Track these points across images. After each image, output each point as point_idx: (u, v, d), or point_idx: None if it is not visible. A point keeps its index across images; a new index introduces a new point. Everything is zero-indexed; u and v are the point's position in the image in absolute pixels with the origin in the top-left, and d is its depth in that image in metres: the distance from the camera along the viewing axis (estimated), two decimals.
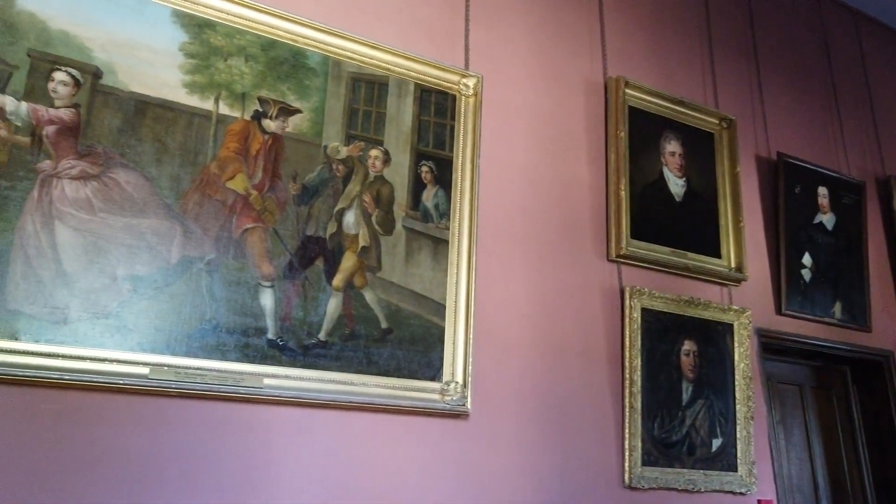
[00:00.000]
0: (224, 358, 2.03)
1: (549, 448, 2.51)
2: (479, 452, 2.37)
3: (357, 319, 2.28)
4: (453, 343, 2.39)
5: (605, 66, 3.15)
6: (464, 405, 2.34)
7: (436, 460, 2.29)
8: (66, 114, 1.99)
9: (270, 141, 2.28)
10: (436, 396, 2.32)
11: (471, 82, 2.69)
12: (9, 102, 1.93)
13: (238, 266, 2.13)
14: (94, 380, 1.85)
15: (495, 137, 2.74)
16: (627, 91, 3.08)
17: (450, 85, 2.66)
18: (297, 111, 2.35)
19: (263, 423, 2.06)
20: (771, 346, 3.31)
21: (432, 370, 2.34)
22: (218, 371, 2.01)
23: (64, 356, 1.83)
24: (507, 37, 2.92)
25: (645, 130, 3.12)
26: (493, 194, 2.67)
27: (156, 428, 1.91)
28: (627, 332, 2.78)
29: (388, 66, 2.55)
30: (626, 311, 2.80)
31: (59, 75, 2.01)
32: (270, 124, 2.30)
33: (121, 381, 1.87)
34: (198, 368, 1.99)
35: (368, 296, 2.32)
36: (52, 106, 1.98)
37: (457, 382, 2.35)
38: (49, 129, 1.96)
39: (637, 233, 2.92)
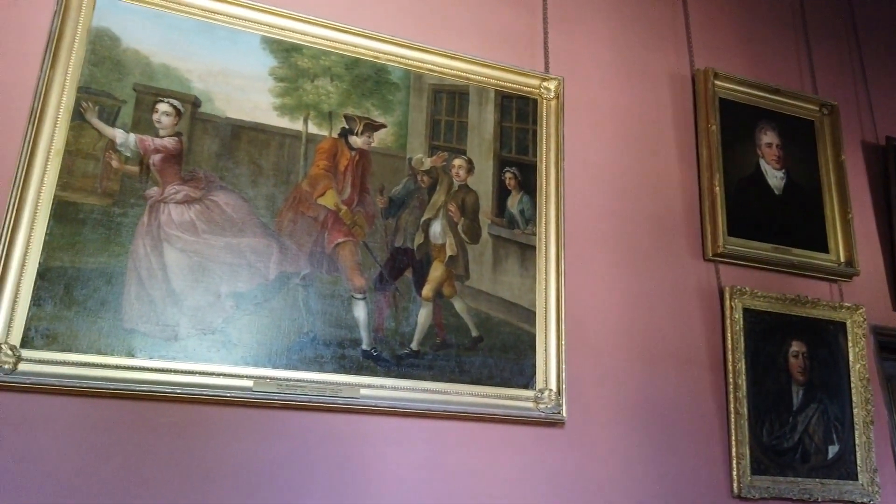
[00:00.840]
0: (322, 369, 2.09)
1: (651, 456, 2.43)
2: (577, 461, 2.32)
3: (448, 328, 2.28)
4: (545, 350, 2.35)
5: (691, 58, 3.04)
6: (559, 413, 2.30)
7: (532, 469, 2.26)
8: (169, 142, 2.12)
9: (357, 156, 2.34)
10: (530, 404, 2.29)
11: (552, 85, 2.66)
12: (119, 135, 2.08)
13: (331, 280, 2.19)
14: (204, 393, 1.94)
15: (579, 139, 2.69)
16: (717, 83, 2.95)
17: (530, 89, 2.64)
18: (382, 126, 2.40)
19: (361, 433, 2.09)
20: (890, 344, 3.06)
21: (525, 378, 2.31)
22: (317, 382, 2.07)
23: (176, 371, 1.94)
24: (587, 36, 2.87)
25: (738, 122, 2.98)
26: (579, 197, 2.62)
27: (261, 439, 1.99)
28: (729, 335, 2.65)
29: (467, 75, 2.56)
30: (727, 313, 2.67)
31: (163, 106, 2.14)
32: (357, 140, 2.35)
33: (227, 394, 1.96)
34: (298, 380, 2.05)
35: (458, 305, 2.32)
36: (157, 135, 2.12)
37: (551, 390, 2.31)
38: (155, 158, 2.10)
39: (734, 230, 2.79)
